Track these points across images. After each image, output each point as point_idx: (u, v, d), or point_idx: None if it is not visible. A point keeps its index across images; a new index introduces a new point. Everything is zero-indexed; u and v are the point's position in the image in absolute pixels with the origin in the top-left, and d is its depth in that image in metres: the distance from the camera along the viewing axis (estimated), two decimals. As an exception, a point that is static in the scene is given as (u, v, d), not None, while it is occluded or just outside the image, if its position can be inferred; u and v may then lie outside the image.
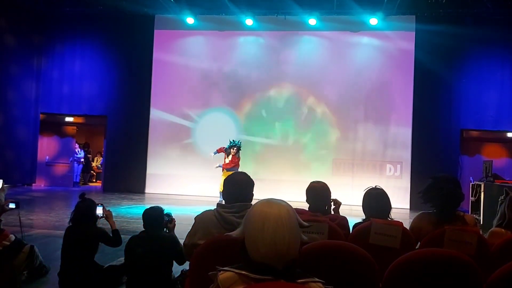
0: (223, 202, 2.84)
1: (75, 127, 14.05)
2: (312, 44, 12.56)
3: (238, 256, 1.61)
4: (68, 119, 13.70)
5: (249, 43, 12.85)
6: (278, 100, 12.45)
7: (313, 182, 3.55)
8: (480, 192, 8.83)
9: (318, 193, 3.45)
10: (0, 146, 12.01)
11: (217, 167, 10.41)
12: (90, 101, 13.08)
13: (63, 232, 4.25)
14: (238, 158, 10.28)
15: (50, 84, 13.30)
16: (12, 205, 4.49)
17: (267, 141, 12.45)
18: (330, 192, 3.51)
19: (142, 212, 3.86)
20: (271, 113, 12.47)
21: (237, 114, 12.61)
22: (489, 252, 2.78)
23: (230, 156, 10.18)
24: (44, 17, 13.15)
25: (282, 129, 12.42)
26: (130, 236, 3.94)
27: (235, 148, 10.20)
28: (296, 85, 12.37)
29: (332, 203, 3.58)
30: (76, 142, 14.36)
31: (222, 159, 10.43)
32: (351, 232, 3.18)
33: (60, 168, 13.67)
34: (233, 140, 10.41)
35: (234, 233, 1.65)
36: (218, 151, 10.51)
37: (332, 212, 3.63)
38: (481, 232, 2.95)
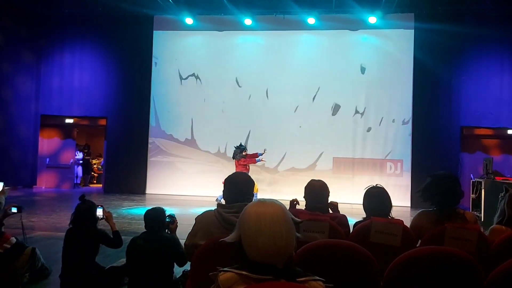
0: (223, 202, 2.85)
1: (75, 129, 14.05)
2: (311, 43, 12.56)
3: (238, 257, 1.61)
4: (68, 120, 13.70)
5: (248, 42, 12.84)
6: (277, 99, 12.43)
7: (313, 180, 3.53)
8: (481, 189, 8.82)
9: (316, 191, 3.43)
10: (1, 148, 12.02)
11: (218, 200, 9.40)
12: (90, 103, 13.10)
13: (64, 234, 4.26)
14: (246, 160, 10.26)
15: (50, 86, 13.32)
16: (14, 210, 4.50)
17: (266, 139, 12.43)
18: (328, 192, 3.49)
19: (144, 213, 3.87)
20: (270, 111, 12.46)
21: (236, 113, 12.60)
22: (489, 250, 2.78)
23: (241, 160, 9.98)
24: (44, 19, 13.16)
25: (281, 128, 12.40)
26: (131, 237, 3.94)
27: (244, 152, 10.12)
28: (295, 84, 12.35)
29: (329, 208, 3.56)
30: (76, 144, 14.36)
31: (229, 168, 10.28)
32: (351, 230, 3.18)
33: (61, 170, 13.68)
34: (240, 144, 10.35)
35: (228, 239, 1.66)
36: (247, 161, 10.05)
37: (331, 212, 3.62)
38: (482, 229, 2.94)
